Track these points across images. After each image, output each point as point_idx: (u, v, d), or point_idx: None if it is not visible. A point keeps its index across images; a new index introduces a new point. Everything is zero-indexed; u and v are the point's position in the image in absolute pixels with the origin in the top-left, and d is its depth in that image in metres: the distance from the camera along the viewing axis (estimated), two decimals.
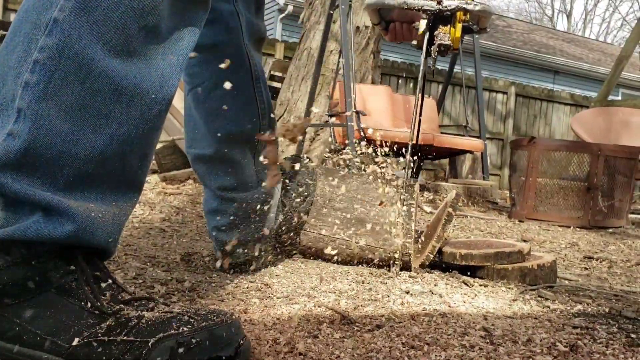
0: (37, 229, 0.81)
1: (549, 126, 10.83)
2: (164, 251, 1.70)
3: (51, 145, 0.81)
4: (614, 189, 3.66)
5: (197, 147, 1.45)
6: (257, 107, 1.45)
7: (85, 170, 0.84)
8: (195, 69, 1.40)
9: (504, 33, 15.81)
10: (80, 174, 0.84)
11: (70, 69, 0.81)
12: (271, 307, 1.18)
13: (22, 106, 0.80)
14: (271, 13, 12.74)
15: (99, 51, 0.82)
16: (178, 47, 0.93)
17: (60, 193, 0.82)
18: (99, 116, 0.84)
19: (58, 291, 0.82)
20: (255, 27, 1.43)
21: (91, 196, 0.86)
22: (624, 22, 29.98)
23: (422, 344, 1.01)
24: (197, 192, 3.43)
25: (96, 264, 0.88)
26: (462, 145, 5.27)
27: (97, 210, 0.85)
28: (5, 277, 0.80)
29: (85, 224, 0.83)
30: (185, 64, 0.95)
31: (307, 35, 6.40)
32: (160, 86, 0.89)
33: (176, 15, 0.92)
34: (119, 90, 0.85)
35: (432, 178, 8.46)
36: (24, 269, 0.81)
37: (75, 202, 0.83)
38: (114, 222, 0.88)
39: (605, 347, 1.07)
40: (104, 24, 0.82)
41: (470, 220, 3.37)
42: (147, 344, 0.78)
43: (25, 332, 0.79)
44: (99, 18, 0.82)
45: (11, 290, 0.80)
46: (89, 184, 0.85)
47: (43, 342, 0.79)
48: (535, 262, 1.64)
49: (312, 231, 1.65)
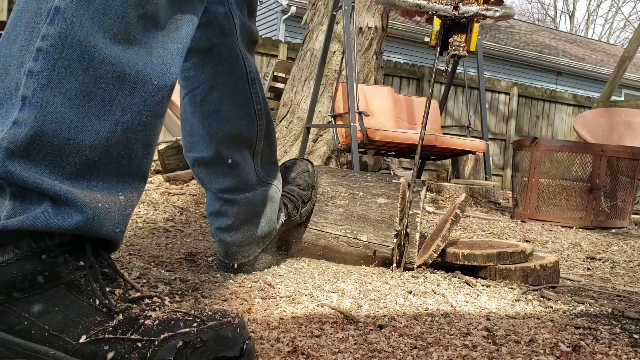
0: (45, 219, 0.81)
1: (552, 127, 10.82)
2: (168, 251, 1.71)
3: (57, 133, 0.81)
4: (617, 190, 3.66)
5: (196, 150, 1.45)
6: (254, 108, 1.46)
7: (92, 157, 0.84)
8: (191, 72, 1.40)
9: (507, 34, 15.80)
10: (86, 161, 0.84)
11: (73, 56, 0.82)
12: (274, 307, 1.18)
13: (27, 94, 0.81)
14: (274, 14, 12.75)
15: (101, 39, 0.83)
16: (177, 36, 0.94)
17: (68, 182, 0.83)
18: (103, 103, 0.84)
19: (67, 287, 0.83)
20: (248, 29, 1.44)
21: (98, 185, 0.86)
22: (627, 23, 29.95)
23: (425, 344, 1.01)
24: (201, 192, 3.44)
25: (105, 259, 0.88)
26: (465, 146, 5.27)
27: (103, 200, 0.86)
28: (15, 271, 0.81)
29: (93, 214, 0.83)
30: (184, 53, 0.96)
31: (310, 36, 6.41)
32: (161, 73, 0.90)
33: (174, 4, 0.93)
34: (122, 77, 0.85)
35: (434, 178, 8.46)
36: (34, 263, 0.82)
37: (82, 192, 0.83)
38: (120, 213, 0.88)
39: (607, 348, 1.07)
40: (104, 13, 0.83)
41: (472, 220, 3.37)
42: (153, 343, 0.78)
43: (34, 327, 0.80)
44: (100, 7, 0.83)
45: (20, 284, 0.81)
46: (95, 172, 0.86)
47: (50, 338, 0.79)
48: (538, 262, 1.64)
49: (314, 228, 1.66)
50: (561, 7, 37.95)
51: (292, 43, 8.46)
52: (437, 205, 4.06)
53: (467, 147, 5.28)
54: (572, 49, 16.91)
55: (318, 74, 5.17)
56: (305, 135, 5.34)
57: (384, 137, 4.73)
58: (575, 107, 10.95)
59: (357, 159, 4.60)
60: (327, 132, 6.06)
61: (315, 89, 5.17)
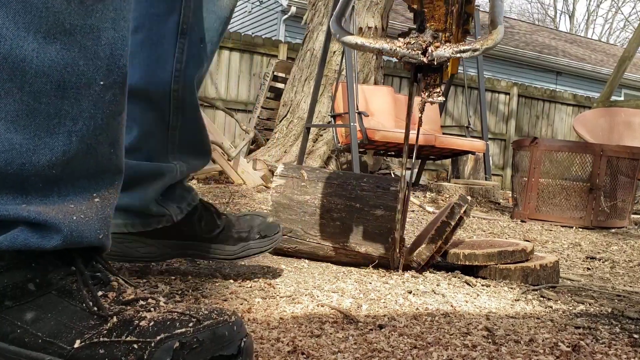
0: (24, 239, 0.79)
1: (552, 127, 10.82)
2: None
3: (9, 161, 0.77)
4: (617, 190, 3.66)
5: None
6: (173, 66, 1.29)
7: (53, 174, 0.80)
8: None
9: (507, 34, 15.79)
10: (48, 179, 0.80)
11: (3, 76, 0.75)
12: (274, 307, 1.18)
13: None
14: (274, 14, 12.75)
15: (31, 44, 0.75)
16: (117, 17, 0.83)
17: (37, 202, 0.79)
18: (49, 118, 0.78)
19: (59, 293, 0.81)
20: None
21: (69, 194, 0.82)
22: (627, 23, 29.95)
23: (425, 344, 1.01)
24: (201, 192, 3.44)
25: (96, 262, 0.87)
26: (464, 146, 5.28)
27: (78, 211, 0.82)
28: (5, 280, 0.80)
29: (70, 230, 0.81)
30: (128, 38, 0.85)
31: (310, 36, 6.41)
32: (108, 70, 0.82)
33: None
34: (62, 85, 0.78)
35: (434, 178, 8.46)
36: (24, 271, 0.80)
37: (53, 209, 0.80)
38: (98, 218, 0.85)
39: (607, 348, 1.07)
40: (25, 11, 0.74)
41: (472, 220, 3.37)
42: (149, 344, 0.77)
43: (27, 334, 0.78)
44: (18, 6, 0.74)
45: (11, 293, 0.79)
46: (62, 183, 0.81)
47: (45, 344, 0.78)
48: (538, 262, 1.64)
49: (312, 241, 1.66)
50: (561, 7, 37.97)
51: (292, 43, 8.46)
52: (437, 205, 4.06)
53: (466, 147, 5.28)
54: (572, 49, 16.92)
55: (318, 74, 5.17)
56: (305, 135, 5.34)
57: (383, 137, 4.74)
58: (575, 107, 10.95)
59: (357, 159, 4.60)
60: (327, 132, 6.06)
61: (315, 89, 5.17)
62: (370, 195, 1.64)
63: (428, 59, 1.08)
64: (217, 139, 3.95)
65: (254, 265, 1.57)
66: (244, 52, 8.02)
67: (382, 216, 1.61)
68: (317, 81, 5.16)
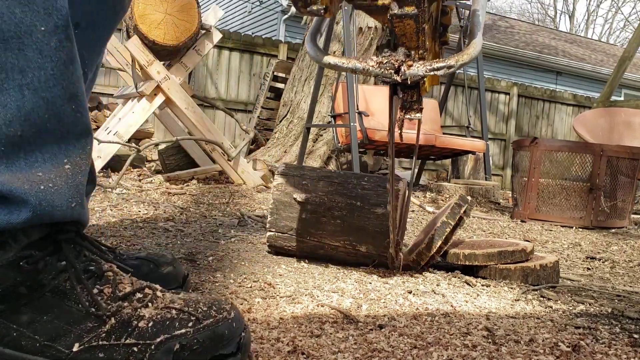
0: None
1: (552, 127, 10.82)
2: (168, 251, 1.71)
3: None
4: (617, 190, 3.66)
5: None
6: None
7: (13, 134, 0.76)
8: None
9: (507, 34, 15.81)
10: (9, 140, 0.76)
11: None
12: (274, 307, 1.18)
13: None
14: (274, 14, 12.75)
15: None
16: None
17: (1, 169, 0.76)
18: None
19: (53, 294, 0.79)
20: None
21: (37, 160, 0.78)
22: (627, 23, 29.96)
23: (425, 344, 1.01)
24: (201, 192, 3.44)
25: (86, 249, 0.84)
26: (464, 146, 5.27)
27: (46, 179, 0.79)
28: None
29: (38, 199, 0.77)
30: None
31: None
32: (46, 14, 0.78)
33: None
34: (2, 36, 0.74)
35: (434, 178, 8.46)
36: (13, 273, 0.78)
37: (20, 177, 0.77)
38: (69, 185, 0.81)
39: (607, 348, 1.07)
40: None
41: (472, 220, 3.37)
42: (149, 347, 0.76)
43: (23, 337, 0.77)
44: None
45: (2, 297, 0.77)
46: (27, 148, 0.78)
47: (42, 348, 0.77)
48: (538, 262, 1.64)
49: (312, 239, 1.66)
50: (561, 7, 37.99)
51: (292, 43, 8.46)
52: (437, 205, 4.06)
53: (466, 147, 5.28)
54: (572, 49, 16.92)
55: (318, 74, 5.17)
56: (305, 135, 5.34)
57: (383, 138, 4.73)
58: (575, 107, 10.96)
59: (357, 159, 4.60)
60: (327, 132, 6.06)
61: (315, 89, 5.17)
62: (371, 193, 1.64)
63: (401, 78, 1.05)
64: (217, 139, 3.95)
65: (254, 265, 1.58)
66: (244, 52, 8.02)
67: (383, 214, 1.61)
68: (317, 81, 5.15)
